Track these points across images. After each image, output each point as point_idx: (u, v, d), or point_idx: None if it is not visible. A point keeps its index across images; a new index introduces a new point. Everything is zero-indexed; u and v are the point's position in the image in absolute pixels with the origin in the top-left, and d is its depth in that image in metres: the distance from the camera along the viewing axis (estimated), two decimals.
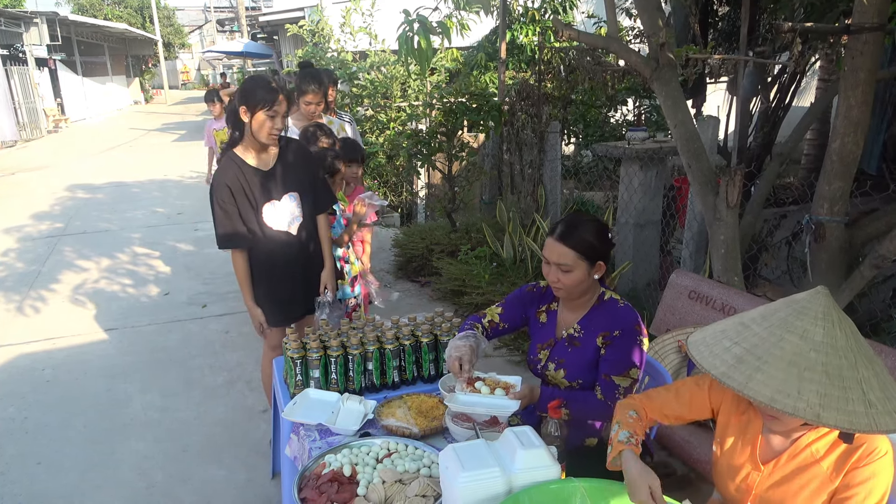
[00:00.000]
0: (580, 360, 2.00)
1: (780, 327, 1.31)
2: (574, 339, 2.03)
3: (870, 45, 2.59)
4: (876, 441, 1.34)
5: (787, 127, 4.70)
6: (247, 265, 2.77)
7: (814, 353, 1.25)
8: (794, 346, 1.26)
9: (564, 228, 1.94)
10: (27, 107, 17.08)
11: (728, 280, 3.07)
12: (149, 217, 8.28)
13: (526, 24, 7.99)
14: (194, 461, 3.12)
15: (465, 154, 5.84)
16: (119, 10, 31.15)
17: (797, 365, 1.24)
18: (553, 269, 1.94)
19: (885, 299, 3.62)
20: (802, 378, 1.23)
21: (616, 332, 1.95)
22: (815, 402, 1.20)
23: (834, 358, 1.24)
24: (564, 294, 2.00)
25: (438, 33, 3.34)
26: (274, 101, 2.52)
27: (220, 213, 2.66)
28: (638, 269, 4.40)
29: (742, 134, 4.52)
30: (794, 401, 1.21)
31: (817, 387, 1.22)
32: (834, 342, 1.26)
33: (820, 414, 1.19)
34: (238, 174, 2.65)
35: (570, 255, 1.90)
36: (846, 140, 2.74)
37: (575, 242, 1.90)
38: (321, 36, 9.30)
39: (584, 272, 1.92)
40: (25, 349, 4.43)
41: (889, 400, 1.22)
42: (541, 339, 2.13)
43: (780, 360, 1.26)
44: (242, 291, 2.82)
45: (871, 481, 1.33)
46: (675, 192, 4.76)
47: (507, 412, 1.88)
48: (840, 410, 1.20)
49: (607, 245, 1.97)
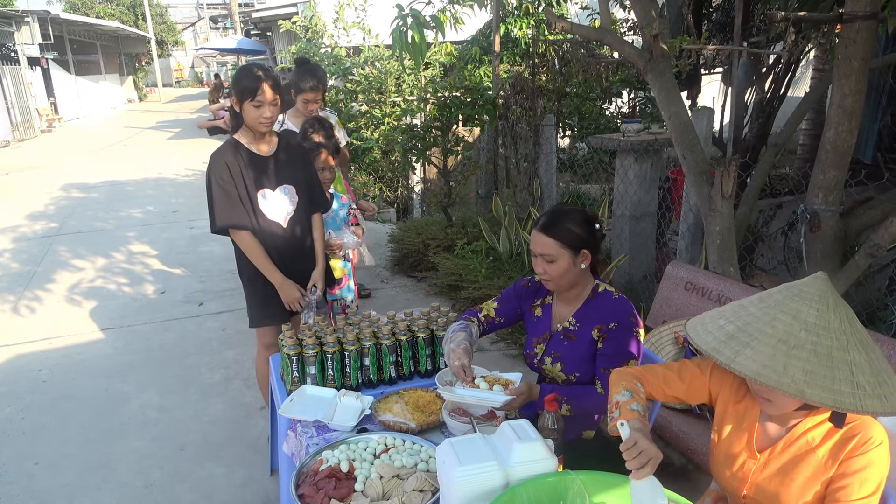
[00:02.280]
0: (576, 354, 2.01)
1: (775, 308, 1.33)
2: (569, 333, 2.04)
3: (863, 34, 2.58)
4: (871, 431, 1.34)
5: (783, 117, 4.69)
6: (258, 242, 2.68)
7: (804, 332, 1.27)
8: (786, 326, 1.29)
9: (547, 219, 1.97)
10: (20, 106, 16.97)
11: (724, 271, 3.07)
12: (144, 215, 8.26)
13: (520, 17, 7.98)
14: (192, 459, 3.12)
15: (461, 148, 5.84)
16: (111, 7, 30.94)
17: (786, 343, 1.26)
18: (539, 260, 1.98)
19: (881, 288, 3.63)
20: (790, 355, 1.25)
21: (612, 324, 1.95)
22: (801, 378, 1.22)
23: (825, 339, 1.25)
24: (553, 286, 2.02)
25: (432, 27, 3.33)
26: (256, 90, 2.52)
27: (218, 191, 2.62)
28: (634, 261, 4.40)
29: (737, 125, 4.52)
30: (779, 376, 1.23)
31: (804, 364, 1.23)
32: (826, 324, 1.27)
33: (804, 391, 1.21)
34: (236, 155, 2.65)
35: (552, 245, 1.93)
36: (840, 129, 2.74)
37: (556, 232, 1.93)
38: (314, 31, 9.27)
39: (567, 262, 1.94)
40: (22, 350, 4.41)
41: (880, 385, 1.23)
42: (536, 334, 2.14)
43: (770, 337, 1.28)
44: (264, 270, 2.69)
45: (865, 471, 1.33)
46: (670, 184, 4.76)
47: (494, 404, 1.87)
48: (825, 389, 1.21)
49: (592, 235, 1.98)
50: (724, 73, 5.68)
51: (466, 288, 4.56)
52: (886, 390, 1.23)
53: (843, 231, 2.94)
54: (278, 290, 2.74)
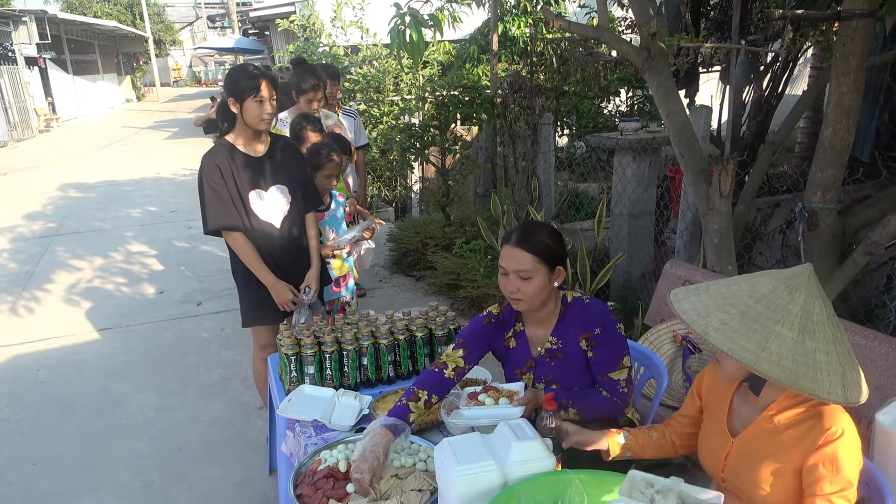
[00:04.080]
0: (569, 370, 1.96)
1: (744, 277, 1.46)
2: (555, 353, 1.96)
3: (860, 32, 2.58)
4: (832, 419, 1.37)
5: (781, 115, 4.69)
6: (250, 243, 2.68)
7: (747, 297, 1.39)
8: (737, 289, 1.42)
9: (520, 233, 1.87)
10: (17, 106, 16.94)
11: (722, 269, 3.07)
12: (142, 215, 8.25)
13: (518, 15, 7.96)
14: (190, 460, 3.11)
15: (459, 147, 5.83)
16: (109, 7, 30.89)
17: (727, 300, 1.40)
18: (512, 278, 1.85)
19: (879, 286, 3.62)
20: (722, 309, 1.39)
21: (597, 330, 1.90)
22: (714, 325, 1.37)
23: (761, 307, 1.36)
24: (525, 306, 1.89)
25: (430, 26, 3.33)
26: (257, 86, 2.53)
27: (210, 193, 2.62)
28: (632, 260, 4.40)
29: (735, 123, 4.53)
30: (699, 318, 1.39)
31: (724, 316, 1.37)
32: (774, 299, 1.36)
33: (708, 332, 1.36)
34: (228, 158, 2.64)
35: (528, 260, 1.82)
36: (838, 127, 2.74)
37: (533, 246, 1.83)
38: (312, 31, 9.26)
39: (543, 278, 1.84)
40: (20, 350, 4.41)
41: (794, 361, 1.30)
42: (518, 365, 2.03)
43: (719, 295, 1.43)
44: (257, 271, 2.69)
45: (834, 464, 1.35)
46: (668, 183, 4.76)
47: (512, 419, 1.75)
48: (728, 338, 1.33)
49: (564, 250, 1.92)
50: (722, 71, 5.68)
51: (465, 287, 4.56)
52: (797, 367, 1.29)
53: (841, 229, 2.94)
54: (270, 291, 2.73)
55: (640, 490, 1.40)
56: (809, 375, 1.29)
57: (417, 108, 6.19)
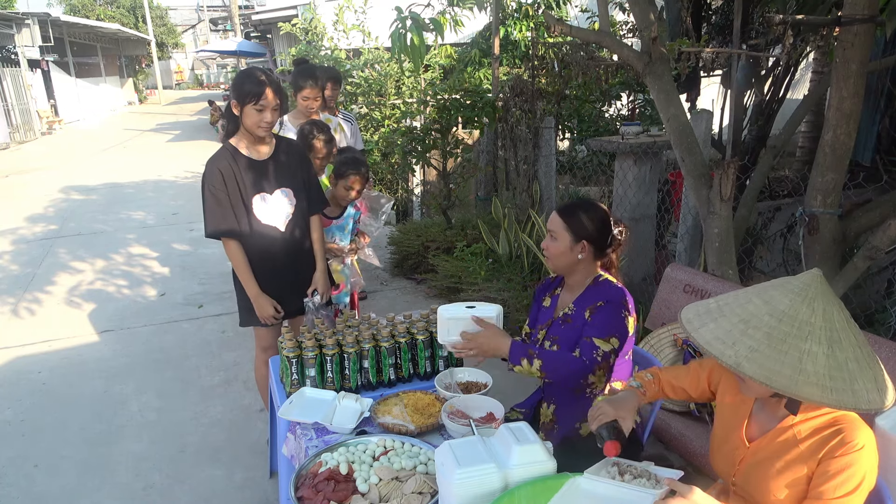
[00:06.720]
0: (571, 335, 2.05)
1: (755, 292, 1.41)
2: (567, 318, 2.11)
3: (861, 37, 2.59)
4: (854, 433, 1.35)
5: (782, 119, 4.70)
6: (243, 253, 2.69)
7: (768, 317, 1.34)
8: (755, 309, 1.37)
9: (568, 204, 2.12)
10: (20, 108, 16.99)
11: (723, 273, 3.07)
12: (144, 218, 8.26)
13: (519, 19, 7.99)
14: (192, 462, 3.12)
15: (460, 151, 5.84)
16: (111, 10, 31.01)
17: (747, 323, 1.35)
18: (547, 236, 2.11)
19: (880, 290, 3.63)
20: (745, 334, 1.33)
21: (600, 302, 2.02)
22: (743, 354, 1.30)
23: (785, 326, 1.32)
24: (551, 263, 2.13)
25: (431, 30, 3.34)
26: (261, 94, 2.51)
27: (210, 199, 2.62)
28: (633, 264, 4.40)
29: (736, 127, 4.54)
30: (726, 348, 1.33)
31: (752, 342, 1.31)
32: (794, 314, 1.32)
33: (741, 364, 1.29)
34: (231, 162, 2.63)
35: (559, 224, 2.06)
36: (839, 132, 2.75)
37: (567, 216, 2.06)
38: (314, 34, 9.29)
39: (566, 244, 2.05)
40: (21, 352, 4.41)
41: (831, 378, 1.26)
42: (542, 321, 2.23)
43: (736, 316, 1.37)
44: (243, 281, 2.70)
45: (845, 472, 1.33)
46: (669, 186, 4.77)
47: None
48: (762, 367, 1.28)
49: (600, 231, 2.06)
50: (724, 75, 5.70)
51: (466, 290, 4.56)
52: (836, 384, 1.26)
53: (842, 233, 2.95)
54: (252, 303, 2.72)
55: (605, 469, 1.48)
56: (848, 389, 1.27)
57: (419, 111, 6.21)
